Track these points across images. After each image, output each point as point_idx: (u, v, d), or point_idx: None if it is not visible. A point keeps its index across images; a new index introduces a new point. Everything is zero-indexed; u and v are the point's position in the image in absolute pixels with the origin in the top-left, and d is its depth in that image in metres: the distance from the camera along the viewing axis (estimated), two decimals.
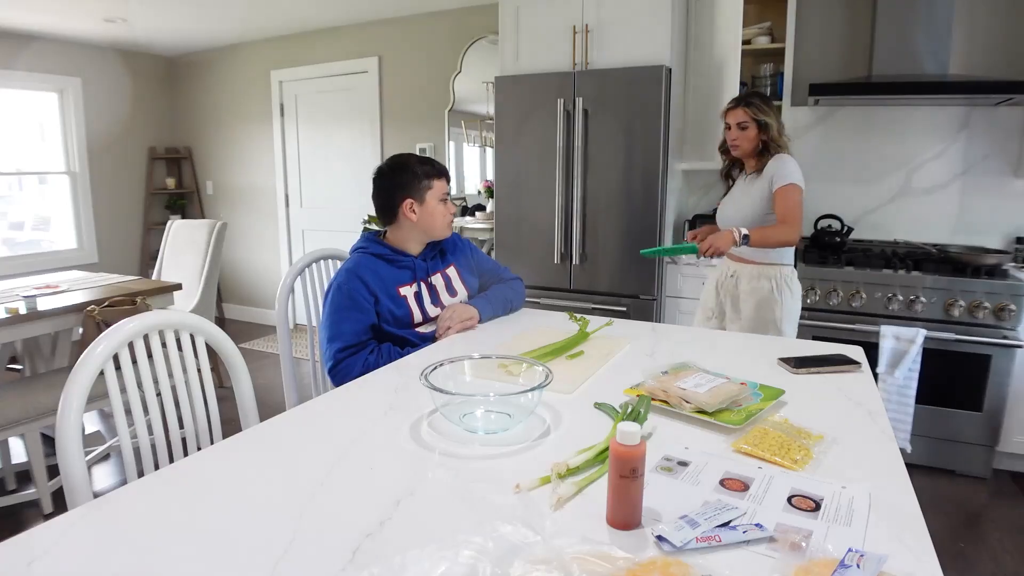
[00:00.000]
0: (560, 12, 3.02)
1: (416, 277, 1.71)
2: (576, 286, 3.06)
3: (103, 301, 2.50)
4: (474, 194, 4.29)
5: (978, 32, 2.82)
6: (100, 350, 1.13)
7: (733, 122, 2.19)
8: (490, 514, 0.79)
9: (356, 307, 1.59)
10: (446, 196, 1.73)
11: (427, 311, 1.70)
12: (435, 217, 1.71)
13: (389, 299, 1.63)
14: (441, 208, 1.72)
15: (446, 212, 1.73)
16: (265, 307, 5.22)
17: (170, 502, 0.84)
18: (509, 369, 1.24)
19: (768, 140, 2.17)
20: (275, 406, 2.31)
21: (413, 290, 1.69)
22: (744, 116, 2.16)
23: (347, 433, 1.06)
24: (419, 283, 1.71)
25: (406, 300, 1.67)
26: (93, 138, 4.74)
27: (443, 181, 1.73)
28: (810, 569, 0.66)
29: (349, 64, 4.42)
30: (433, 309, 1.71)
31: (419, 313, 1.68)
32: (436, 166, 1.73)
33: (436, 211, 1.71)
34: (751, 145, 2.19)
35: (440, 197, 1.71)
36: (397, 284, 1.67)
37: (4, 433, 2.18)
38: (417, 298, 1.69)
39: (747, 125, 2.16)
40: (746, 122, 2.16)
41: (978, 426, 2.55)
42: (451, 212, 1.75)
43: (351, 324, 1.58)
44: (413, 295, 1.69)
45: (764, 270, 2.22)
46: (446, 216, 1.74)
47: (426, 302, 1.71)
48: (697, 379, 1.18)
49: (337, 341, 1.56)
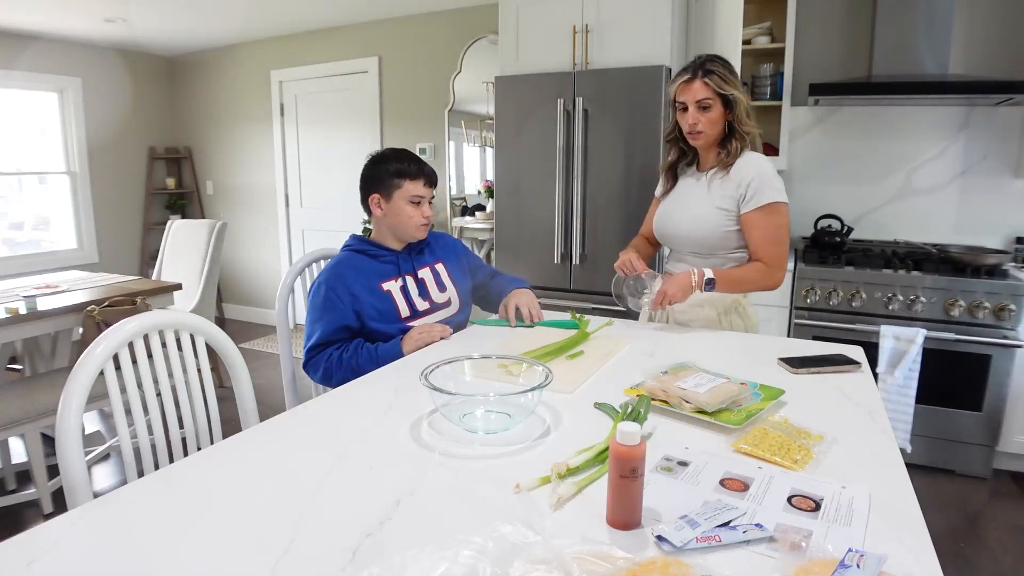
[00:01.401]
0: (560, 12, 3.02)
1: (400, 272, 1.70)
2: (576, 286, 3.06)
3: (103, 301, 2.50)
4: (474, 194, 4.29)
5: (978, 32, 2.82)
6: (100, 350, 1.13)
7: (690, 100, 1.64)
8: (490, 514, 0.79)
9: (331, 307, 1.60)
10: (420, 199, 1.67)
11: (415, 304, 1.69)
12: (400, 217, 1.68)
13: (370, 293, 1.64)
14: (409, 210, 1.67)
15: (416, 214, 1.68)
16: (265, 307, 5.22)
17: (170, 502, 0.84)
18: (509, 369, 1.24)
19: (734, 122, 1.65)
20: (275, 406, 2.31)
21: (398, 284, 1.69)
22: (706, 92, 1.61)
23: (347, 433, 1.06)
24: (404, 277, 1.70)
25: (390, 294, 1.66)
26: (93, 138, 4.74)
27: (417, 183, 1.67)
28: (810, 569, 0.66)
29: (349, 64, 4.42)
30: (421, 303, 1.70)
31: (406, 307, 1.68)
32: (412, 167, 1.67)
33: (402, 212, 1.67)
34: (716, 130, 1.66)
35: (410, 198, 1.66)
36: (380, 279, 1.67)
37: (4, 433, 2.18)
38: (403, 292, 1.69)
39: (710, 103, 1.62)
40: (709, 99, 1.62)
41: (978, 426, 2.55)
42: (425, 215, 1.69)
43: (323, 324, 1.60)
44: (399, 289, 1.68)
45: (708, 296, 1.71)
46: (414, 218, 1.68)
47: (413, 295, 1.70)
48: (697, 379, 1.18)
49: (309, 340, 1.61)
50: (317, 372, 1.60)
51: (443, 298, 1.76)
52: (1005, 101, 2.75)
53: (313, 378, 1.63)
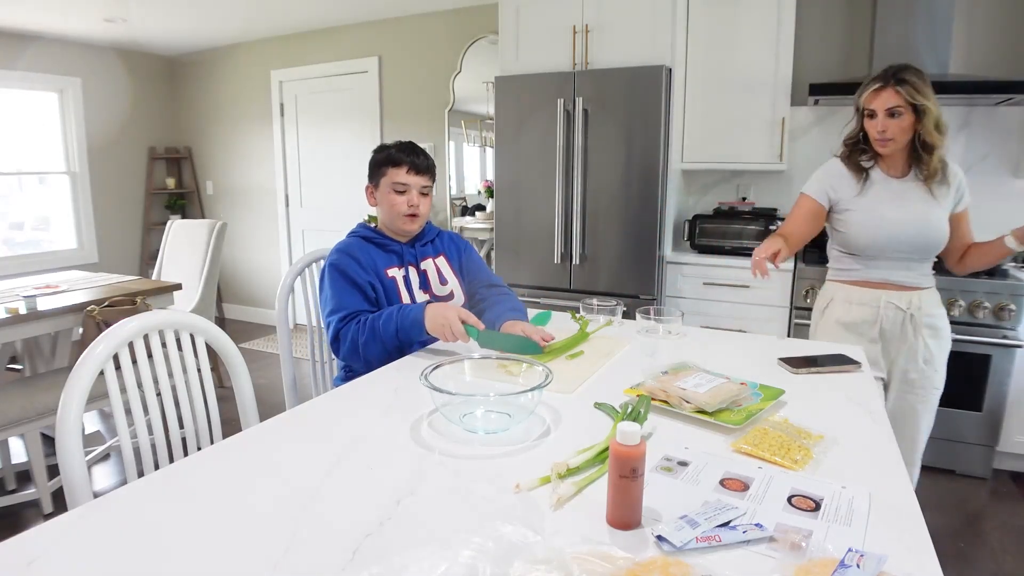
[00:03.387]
0: (560, 12, 3.02)
1: (404, 262, 1.70)
2: (576, 286, 3.06)
3: (103, 301, 2.50)
4: (474, 194, 4.30)
5: (978, 32, 2.82)
6: (100, 350, 1.13)
7: (880, 108, 1.67)
8: (490, 514, 0.79)
9: (350, 282, 1.59)
10: (404, 187, 1.64)
11: (415, 296, 1.69)
12: (385, 206, 1.67)
13: (378, 279, 1.64)
14: (392, 198, 1.64)
15: (400, 202, 1.64)
16: (265, 307, 5.22)
17: (170, 502, 0.84)
18: (509, 369, 1.24)
19: (922, 132, 1.66)
20: (275, 406, 2.31)
21: (401, 273, 1.69)
22: (896, 100, 1.64)
23: (347, 433, 1.06)
24: (407, 267, 1.70)
25: (395, 281, 1.67)
26: (93, 138, 4.74)
27: (401, 169, 1.64)
28: (810, 569, 0.66)
29: (349, 64, 4.42)
30: (421, 295, 1.70)
31: (407, 296, 1.67)
32: (398, 154, 1.64)
33: (385, 200, 1.66)
34: (905, 138, 1.69)
35: (393, 185, 1.64)
36: (385, 266, 1.67)
37: (4, 433, 2.18)
38: (405, 282, 1.69)
39: (901, 111, 1.65)
40: (900, 107, 1.65)
41: (978, 426, 2.54)
42: (410, 204, 1.65)
43: (349, 296, 1.58)
44: (401, 278, 1.68)
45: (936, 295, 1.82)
46: (397, 206, 1.64)
47: (414, 287, 1.70)
48: (697, 379, 1.18)
49: (334, 314, 1.57)
50: (345, 343, 1.54)
51: (444, 291, 1.75)
52: (1005, 101, 2.75)
53: (339, 352, 1.57)
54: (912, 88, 1.63)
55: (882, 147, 1.72)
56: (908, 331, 1.79)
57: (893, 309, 1.78)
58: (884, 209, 1.75)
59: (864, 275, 1.82)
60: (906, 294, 1.78)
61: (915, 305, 1.77)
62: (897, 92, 1.64)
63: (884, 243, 1.75)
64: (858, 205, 1.78)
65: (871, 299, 1.80)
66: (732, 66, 2.97)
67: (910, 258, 1.77)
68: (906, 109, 1.64)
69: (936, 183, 1.73)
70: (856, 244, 1.80)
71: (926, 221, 1.72)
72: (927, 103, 1.63)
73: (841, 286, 1.86)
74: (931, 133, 1.66)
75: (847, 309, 1.83)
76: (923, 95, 1.63)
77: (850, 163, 1.81)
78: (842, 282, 1.87)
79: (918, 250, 1.76)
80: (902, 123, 1.66)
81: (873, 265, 1.80)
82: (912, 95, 1.63)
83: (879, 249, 1.77)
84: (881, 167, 1.78)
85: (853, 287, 1.83)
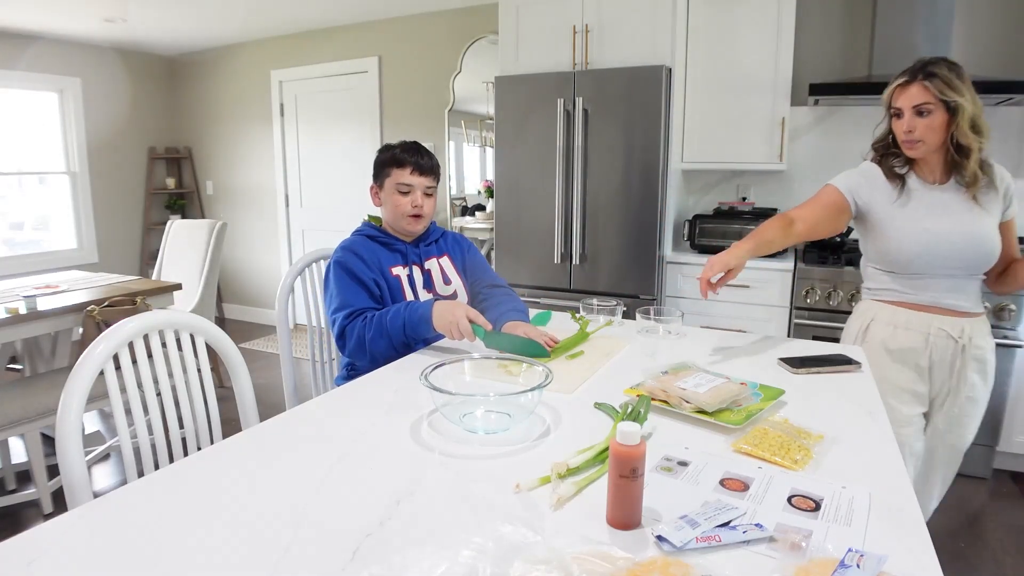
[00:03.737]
0: (560, 12, 3.02)
1: (408, 261, 1.71)
2: (576, 286, 3.06)
3: (103, 301, 2.50)
4: (474, 194, 4.30)
5: (978, 32, 2.82)
6: (100, 350, 1.13)
7: (906, 105, 1.49)
8: (490, 514, 0.79)
9: (355, 279, 1.60)
10: (407, 187, 1.64)
11: (419, 295, 1.69)
12: (388, 206, 1.68)
13: (383, 277, 1.65)
14: (395, 199, 1.65)
15: (404, 203, 1.65)
16: (265, 307, 5.22)
17: (170, 502, 0.84)
18: (509, 369, 1.24)
19: (956, 133, 1.46)
20: (275, 406, 2.31)
21: (406, 272, 1.69)
22: (924, 96, 1.46)
23: (347, 433, 1.06)
24: (411, 266, 1.70)
25: (399, 280, 1.67)
26: (93, 138, 4.74)
27: (405, 170, 1.64)
28: (810, 569, 0.66)
29: (349, 64, 4.42)
30: (424, 294, 1.70)
31: (411, 295, 1.68)
32: (402, 155, 1.65)
33: (390, 200, 1.67)
34: (937, 139, 1.49)
35: (396, 186, 1.64)
36: (390, 265, 1.67)
37: (4, 433, 2.18)
38: (409, 281, 1.69)
39: (930, 108, 1.46)
40: (929, 104, 1.46)
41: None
42: (414, 205, 1.65)
43: (354, 293, 1.59)
44: (406, 277, 1.69)
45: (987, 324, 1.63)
46: (400, 206, 1.65)
47: (418, 286, 1.70)
48: (697, 379, 1.18)
49: (343, 309, 1.57)
50: (351, 339, 1.54)
51: (448, 291, 1.75)
52: (1005, 101, 2.75)
53: (345, 349, 1.57)
54: (943, 82, 1.44)
55: (910, 149, 1.53)
56: (957, 364, 1.59)
57: (944, 337, 1.57)
58: (926, 220, 1.54)
59: (910, 297, 1.60)
60: (959, 321, 1.57)
61: (967, 335, 1.57)
62: (925, 88, 1.45)
63: (929, 258, 1.54)
64: (896, 215, 1.57)
65: (920, 324, 1.58)
66: (732, 66, 2.97)
67: (956, 275, 1.55)
68: (936, 106, 1.45)
69: (981, 189, 1.52)
70: (897, 260, 1.58)
71: (974, 232, 1.51)
72: (960, 99, 1.43)
73: (884, 306, 1.64)
74: (966, 134, 1.45)
75: (892, 333, 1.61)
76: (955, 90, 1.44)
77: (884, 169, 1.62)
78: (885, 302, 1.64)
79: (966, 266, 1.55)
80: (932, 122, 1.46)
81: (918, 286, 1.59)
82: (943, 90, 1.43)
83: (923, 265, 1.55)
84: (917, 173, 1.58)
85: (899, 308, 1.61)
